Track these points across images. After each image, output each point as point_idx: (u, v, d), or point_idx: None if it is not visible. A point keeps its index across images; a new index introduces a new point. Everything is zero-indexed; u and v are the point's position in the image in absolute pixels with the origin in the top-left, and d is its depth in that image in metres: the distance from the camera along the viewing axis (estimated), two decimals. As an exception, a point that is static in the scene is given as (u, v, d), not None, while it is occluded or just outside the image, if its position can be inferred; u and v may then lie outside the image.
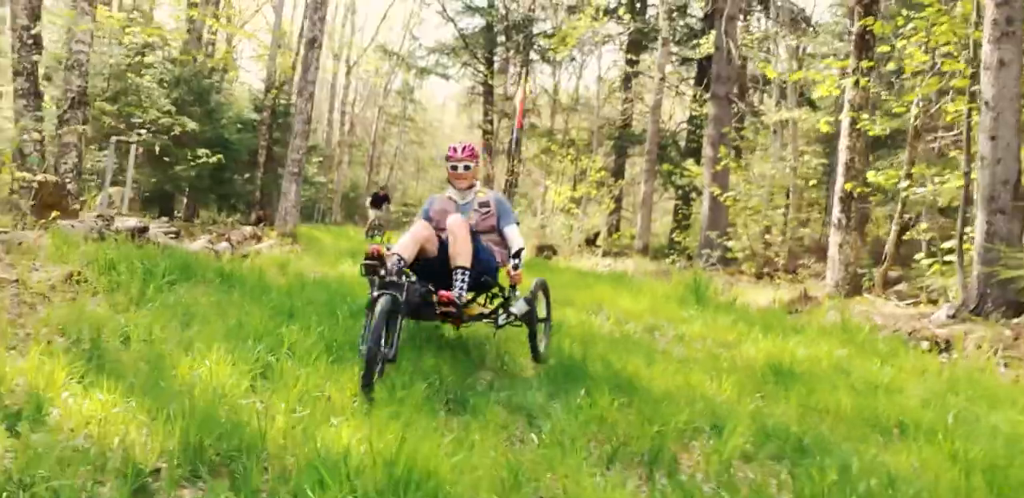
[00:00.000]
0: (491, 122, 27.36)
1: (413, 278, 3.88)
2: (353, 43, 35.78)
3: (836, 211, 9.54)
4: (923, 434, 3.29)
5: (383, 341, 3.25)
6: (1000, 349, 5.98)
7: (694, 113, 21.11)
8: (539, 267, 11.73)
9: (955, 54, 7.79)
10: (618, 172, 24.11)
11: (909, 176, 9.10)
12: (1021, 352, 5.92)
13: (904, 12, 8.69)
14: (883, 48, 9.34)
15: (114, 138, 7.43)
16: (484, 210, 4.46)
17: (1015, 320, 6.33)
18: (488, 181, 26.14)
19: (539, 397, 3.48)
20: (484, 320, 4.23)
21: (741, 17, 18.71)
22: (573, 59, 27.34)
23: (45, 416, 2.58)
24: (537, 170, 27.09)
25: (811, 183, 15.16)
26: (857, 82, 9.06)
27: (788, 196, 15.83)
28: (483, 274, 4.16)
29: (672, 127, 24.96)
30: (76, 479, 2.12)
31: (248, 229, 9.48)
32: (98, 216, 6.95)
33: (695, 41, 20.01)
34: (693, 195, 17.74)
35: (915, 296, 8.96)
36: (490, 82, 26.85)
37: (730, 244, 12.48)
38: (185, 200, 14.58)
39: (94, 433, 2.45)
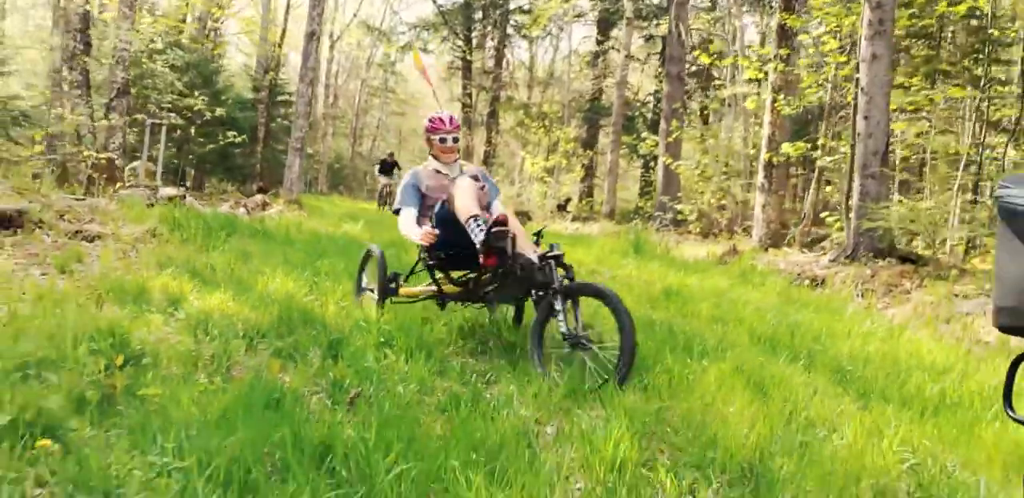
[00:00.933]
0: (470, 95, 28.74)
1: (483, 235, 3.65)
2: (336, 18, 36.71)
3: (760, 177, 11.25)
4: (742, 323, 5.02)
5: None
6: (860, 283, 7.75)
7: (657, 87, 22.62)
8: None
9: (845, 48, 9.43)
10: (590, 142, 25.67)
11: (822, 147, 10.79)
12: (874, 285, 7.67)
13: (820, 8, 10.31)
14: (803, 36, 10.96)
15: (148, 120, 8.86)
16: (478, 184, 4.16)
17: (878, 262, 8.08)
18: (468, 154, 27.67)
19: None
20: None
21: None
22: (549, 34, 28.65)
23: (185, 307, 4.21)
24: (514, 141, 28.60)
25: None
26: (776, 67, 10.70)
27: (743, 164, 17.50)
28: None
29: (641, 98, 26.50)
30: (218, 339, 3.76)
31: (258, 197, 11.05)
32: (145, 186, 8.52)
33: (657, 21, 21.49)
34: (652, 164, 19.38)
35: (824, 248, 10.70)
36: (469, 58, 28.15)
37: (680, 207, 14.17)
38: (193, 172, 16.08)
39: (220, 315, 4.10)
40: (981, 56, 9.37)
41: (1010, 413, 1.50)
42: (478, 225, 3.64)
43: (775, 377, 3.60)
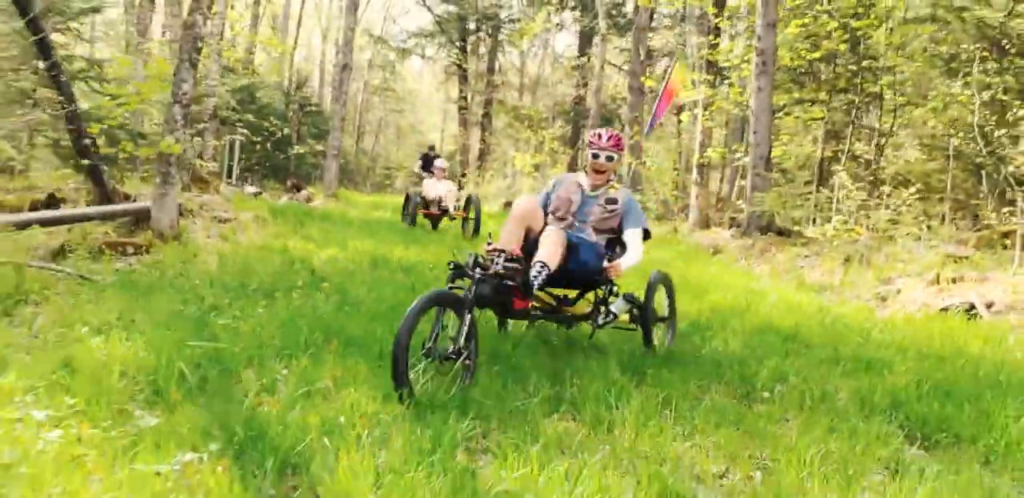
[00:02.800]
0: (465, 98, 31.86)
1: (499, 266, 3.45)
2: (341, 26, 39.67)
3: (694, 174, 14.51)
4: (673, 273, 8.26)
5: (430, 336, 3.08)
6: (744, 250, 11.01)
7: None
8: (504, 216, 16.60)
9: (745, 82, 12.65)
10: (573, 140, 28.85)
11: (736, 151, 14.03)
12: (754, 251, 10.93)
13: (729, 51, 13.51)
14: (726, 62, 14.17)
15: (229, 136, 11.96)
16: (611, 207, 4.03)
17: (760, 236, 11.34)
18: (465, 151, 30.89)
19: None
20: (585, 321, 4.06)
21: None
22: (535, 45, 31.77)
23: (314, 259, 7.39)
24: (506, 140, 31.82)
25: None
26: (704, 90, 13.90)
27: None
28: (592, 274, 3.89)
29: (619, 100, 29.67)
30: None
31: (304, 192, 14.25)
32: (233, 185, 11.74)
33: (628, 37, 24.64)
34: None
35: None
36: (464, 65, 31.27)
37: (639, 197, 17.39)
38: (247, 173, 19.27)
39: (341, 260, 7.28)
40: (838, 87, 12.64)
41: None
42: (539, 271, 3.50)
43: (706, 292, 6.83)
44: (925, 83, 13.14)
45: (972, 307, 6.88)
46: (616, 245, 4.11)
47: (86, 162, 7.51)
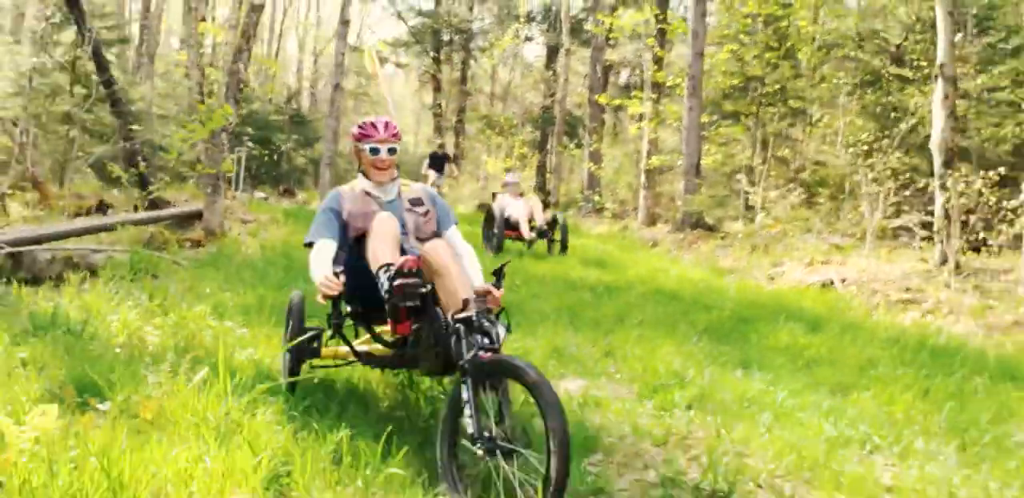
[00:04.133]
0: (440, 105, 33.90)
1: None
2: (319, 36, 41.52)
3: (642, 178, 16.72)
4: (594, 261, 10.42)
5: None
6: (676, 243, 13.23)
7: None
8: (479, 217, 18.69)
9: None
10: (542, 146, 31.03)
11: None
12: (684, 244, 13.13)
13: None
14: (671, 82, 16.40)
15: (238, 148, 13.87)
16: (421, 210, 3.38)
17: (691, 231, 13.56)
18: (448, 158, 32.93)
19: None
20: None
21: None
22: (505, 54, 33.90)
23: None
24: (480, 145, 33.95)
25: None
26: (650, 106, 16.11)
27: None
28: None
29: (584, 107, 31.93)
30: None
31: (300, 196, 16.25)
32: (242, 191, 13.76)
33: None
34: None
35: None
36: (438, 75, 33.33)
37: (597, 198, 19.61)
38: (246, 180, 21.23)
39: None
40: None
41: None
42: (388, 277, 2.78)
43: (627, 270, 8.99)
44: (837, 98, 15.48)
45: (832, 282, 9.14)
46: None
47: (136, 175, 9.53)
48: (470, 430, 2.40)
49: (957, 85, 9.40)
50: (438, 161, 14.18)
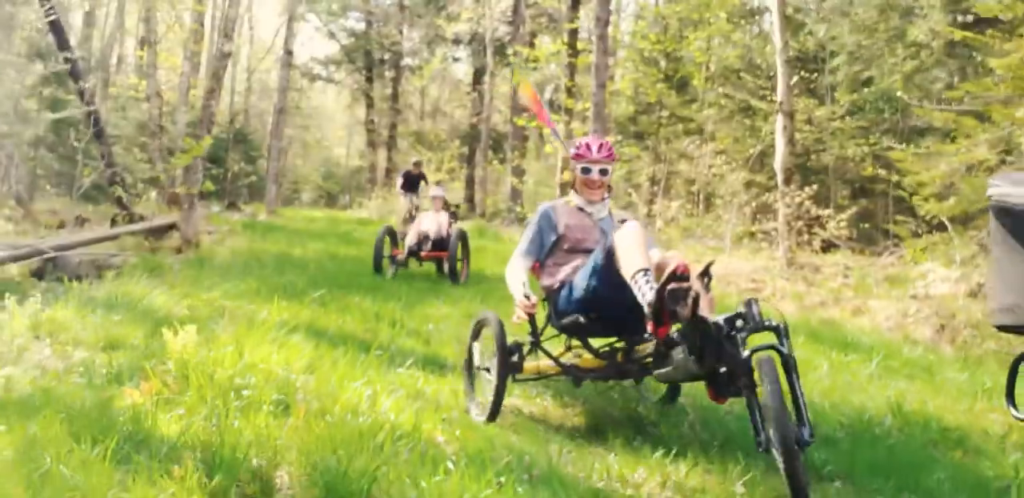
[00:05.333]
0: (372, 121, 35.56)
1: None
2: (253, 53, 42.64)
3: (558, 191, 18.85)
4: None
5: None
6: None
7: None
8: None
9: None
10: (470, 159, 33.00)
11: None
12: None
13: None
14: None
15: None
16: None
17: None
18: (372, 169, 34.61)
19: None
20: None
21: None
22: (435, 72, 35.82)
23: (293, 252, 11.16)
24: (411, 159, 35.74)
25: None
26: (563, 127, 18.33)
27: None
28: None
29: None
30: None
31: (249, 209, 17.80)
32: (201, 205, 15.27)
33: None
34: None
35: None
36: (370, 92, 35.03)
37: (518, 209, 21.71)
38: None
39: (308, 254, 11.09)
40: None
41: (1014, 413, 1.58)
42: (647, 282, 2.81)
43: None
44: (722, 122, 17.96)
45: (700, 276, 11.38)
46: None
47: (116, 195, 11.12)
48: (759, 438, 2.51)
49: (794, 118, 11.75)
50: (412, 180, 12.43)
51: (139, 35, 19.70)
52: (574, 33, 19.72)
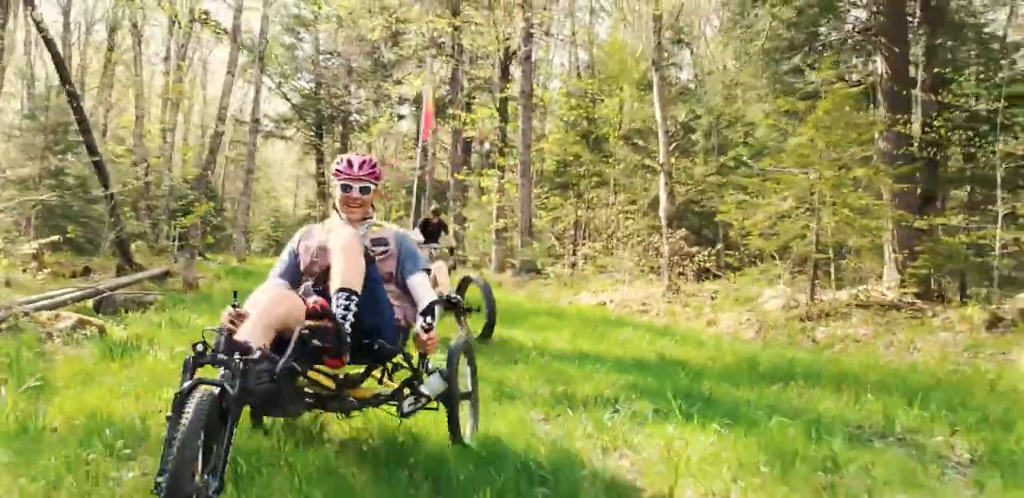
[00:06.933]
0: (322, 173, 38.12)
1: (256, 354, 2.58)
2: (206, 111, 44.99)
3: (493, 235, 21.65)
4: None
5: (199, 468, 2.21)
6: (515, 283, 18.10)
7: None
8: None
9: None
10: (417, 209, 35.63)
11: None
12: (521, 283, 17.99)
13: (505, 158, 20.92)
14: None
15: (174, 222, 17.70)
16: (380, 249, 3.34)
17: (526, 274, 18.49)
18: (323, 219, 37.03)
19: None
20: (384, 404, 3.22)
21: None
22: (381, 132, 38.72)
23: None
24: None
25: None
26: (495, 177, 21.24)
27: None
28: (378, 336, 3.09)
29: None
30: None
31: (221, 258, 20.13)
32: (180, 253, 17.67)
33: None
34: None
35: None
36: (320, 147, 37.71)
37: (460, 252, 24.39)
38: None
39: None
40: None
41: None
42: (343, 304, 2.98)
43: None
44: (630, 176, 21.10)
45: (604, 302, 14.19)
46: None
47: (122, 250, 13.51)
48: None
49: (672, 176, 14.83)
50: (432, 231, 11.26)
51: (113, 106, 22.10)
52: (505, 101, 22.89)
